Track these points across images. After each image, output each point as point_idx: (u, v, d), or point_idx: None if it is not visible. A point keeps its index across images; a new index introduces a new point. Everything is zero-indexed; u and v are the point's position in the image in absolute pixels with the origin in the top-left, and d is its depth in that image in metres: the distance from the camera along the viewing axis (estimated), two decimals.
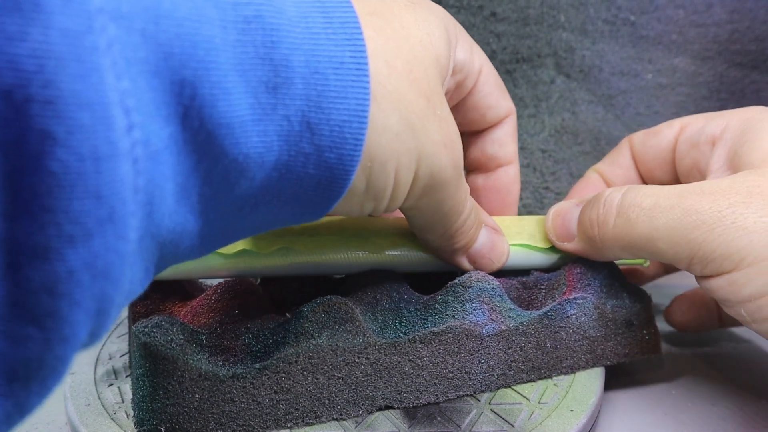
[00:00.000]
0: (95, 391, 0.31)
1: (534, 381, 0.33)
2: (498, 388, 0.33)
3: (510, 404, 0.31)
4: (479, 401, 0.32)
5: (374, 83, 0.23)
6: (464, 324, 0.31)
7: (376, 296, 0.32)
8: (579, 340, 0.34)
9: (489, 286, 0.32)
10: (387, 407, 0.31)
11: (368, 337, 0.30)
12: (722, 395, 0.35)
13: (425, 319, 0.32)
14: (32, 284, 0.15)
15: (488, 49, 0.50)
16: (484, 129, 0.36)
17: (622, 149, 0.40)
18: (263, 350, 0.29)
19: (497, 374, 0.32)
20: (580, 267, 0.35)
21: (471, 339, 0.31)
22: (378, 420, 0.30)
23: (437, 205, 0.28)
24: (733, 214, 0.28)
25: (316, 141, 0.22)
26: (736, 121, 0.34)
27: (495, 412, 0.31)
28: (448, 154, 0.27)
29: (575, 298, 0.33)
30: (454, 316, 0.31)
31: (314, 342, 0.29)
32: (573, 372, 0.34)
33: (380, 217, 0.34)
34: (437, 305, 0.32)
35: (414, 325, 0.32)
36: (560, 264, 0.36)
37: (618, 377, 0.36)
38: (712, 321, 0.39)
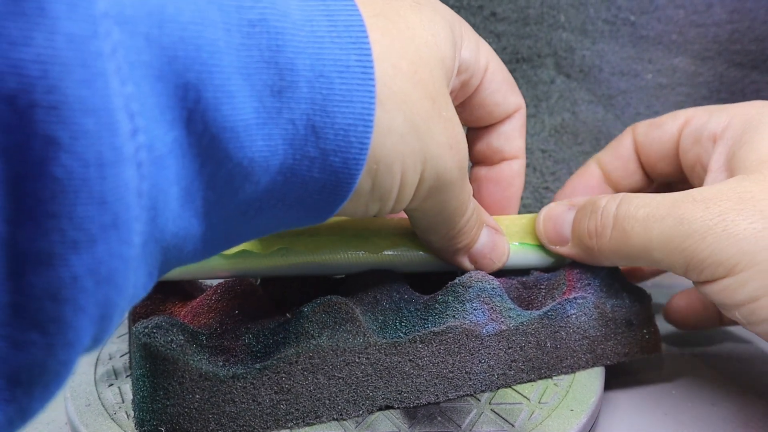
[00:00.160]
0: (95, 392, 0.31)
1: (534, 381, 0.33)
2: (498, 388, 0.33)
3: (510, 404, 0.32)
4: (479, 401, 0.32)
5: (379, 85, 0.23)
6: (464, 324, 0.31)
7: (377, 296, 0.32)
8: (579, 340, 0.34)
9: (489, 286, 0.32)
10: (387, 407, 0.31)
11: (369, 337, 0.30)
12: (722, 395, 0.35)
13: (425, 319, 0.32)
14: (36, 290, 0.15)
15: None
16: (492, 124, 0.36)
17: (624, 140, 0.40)
18: (263, 350, 0.29)
19: (497, 374, 0.32)
20: (580, 266, 0.35)
21: (471, 339, 0.31)
22: (378, 420, 0.30)
23: (441, 206, 0.28)
24: (724, 222, 0.28)
25: (321, 145, 0.22)
26: (738, 120, 0.34)
27: (495, 412, 0.31)
28: (454, 156, 0.27)
29: (575, 298, 0.33)
30: (455, 316, 0.31)
31: (315, 342, 0.29)
32: (573, 372, 0.34)
33: (380, 218, 0.34)
34: (437, 305, 0.32)
35: (414, 325, 0.32)
36: (560, 264, 0.36)
37: (618, 377, 0.36)
38: (712, 319, 0.39)
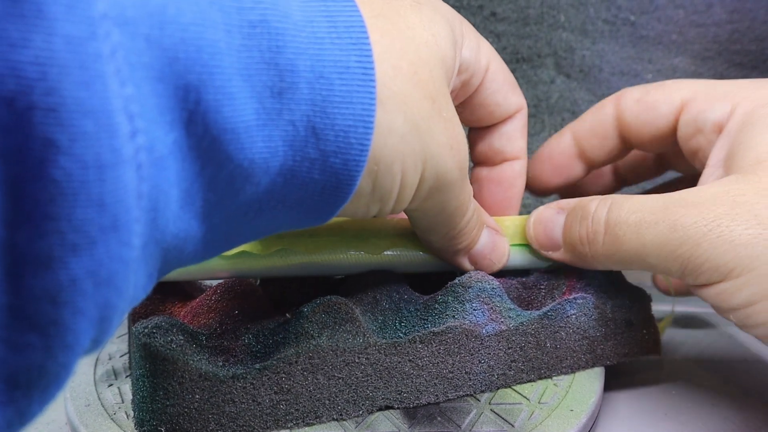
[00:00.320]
0: (95, 392, 0.31)
1: (534, 381, 0.33)
2: (498, 388, 0.33)
3: (510, 404, 0.32)
4: (479, 401, 0.32)
5: (379, 86, 0.23)
6: (464, 324, 0.31)
7: (376, 296, 0.32)
8: (579, 340, 0.34)
9: (489, 286, 0.32)
10: (387, 407, 0.31)
11: (368, 338, 0.30)
12: (722, 396, 0.35)
13: (425, 320, 0.32)
14: (34, 292, 0.15)
15: None
16: (493, 124, 0.36)
17: (605, 116, 0.37)
18: (263, 351, 0.29)
19: (497, 374, 0.32)
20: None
21: (471, 339, 0.31)
22: (378, 420, 0.30)
23: (442, 206, 0.28)
24: (719, 227, 0.28)
25: (321, 146, 0.22)
26: (740, 111, 0.33)
27: (495, 412, 0.31)
28: (454, 156, 0.27)
29: (575, 298, 0.33)
30: (454, 317, 0.31)
31: (314, 342, 0.29)
32: (573, 372, 0.34)
33: (380, 218, 0.34)
34: (437, 305, 0.32)
35: (414, 326, 0.32)
36: (560, 264, 0.36)
37: (618, 377, 0.36)
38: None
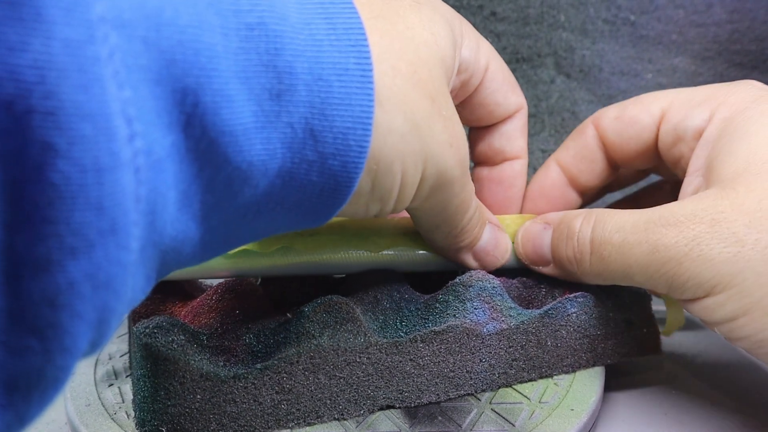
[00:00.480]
0: (95, 392, 0.31)
1: (535, 380, 0.33)
2: (499, 387, 0.33)
3: (511, 403, 0.32)
4: (480, 400, 0.32)
5: (378, 86, 0.23)
6: (465, 323, 0.31)
7: (377, 296, 0.32)
8: (579, 339, 0.34)
9: (490, 285, 0.32)
10: (388, 407, 0.31)
11: (369, 337, 0.30)
12: (722, 396, 0.35)
13: (426, 319, 0.32)
14: (33, 296, 0.15)
15: None
16: (493, 124, 0.36)
17: (587, 139, 0.37)
18: (264, 350, 0.29)
19: (498, 373, 0.32)
20: None
21: (472, 338, 0.31)
22: (379, 419, 0.30)
23: (443, 205, 0.28)
24: (699, 246, 0.28)
25: (320, 148, 0.22)
26: (719, 117, 0.32)
27: (496, 412, 0.31)
28: (454, 154, 0.27)
29: (576, 296, 0.33)
30: (455, 316, 0.31)
31: (315, 342, 0.29)
32: (573, 371, 0.34)
33: (381, 217, 0.34)
34: (438, 304, 0.32)
35: (415, 325, 0.32)
36: None
37: (618, 377, 0.36)
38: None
